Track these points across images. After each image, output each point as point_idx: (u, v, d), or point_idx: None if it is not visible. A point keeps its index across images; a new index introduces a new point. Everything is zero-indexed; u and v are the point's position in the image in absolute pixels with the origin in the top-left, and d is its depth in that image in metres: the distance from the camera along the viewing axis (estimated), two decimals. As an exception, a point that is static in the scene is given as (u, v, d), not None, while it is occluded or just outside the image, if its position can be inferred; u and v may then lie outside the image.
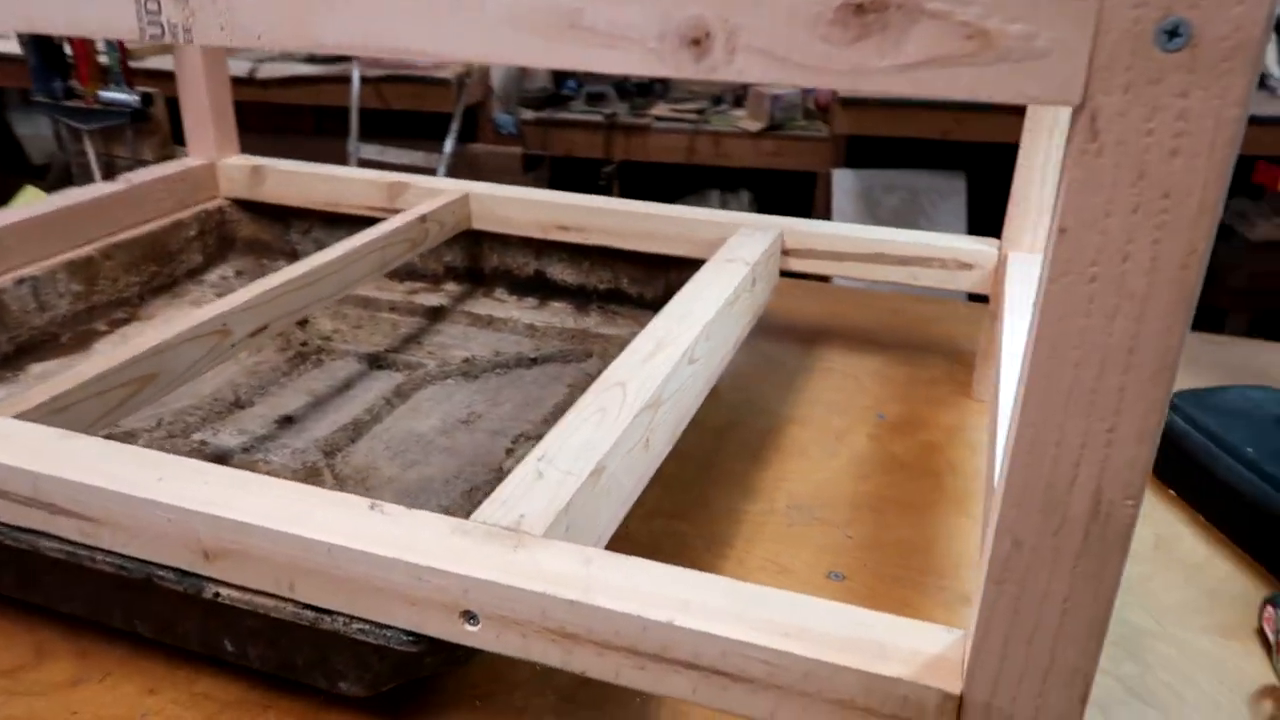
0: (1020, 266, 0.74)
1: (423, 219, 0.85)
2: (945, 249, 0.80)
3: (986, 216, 2.46)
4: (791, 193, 2.60)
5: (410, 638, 0.42)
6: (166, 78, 1.21)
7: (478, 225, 0.92)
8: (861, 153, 2.49)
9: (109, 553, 0.46)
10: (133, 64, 1.19)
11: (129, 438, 0.67)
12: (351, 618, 0.43)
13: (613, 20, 0.29)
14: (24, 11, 0.36)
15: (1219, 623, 0.58)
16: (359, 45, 0.32)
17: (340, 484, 0.64)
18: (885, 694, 0.35)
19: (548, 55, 0.30)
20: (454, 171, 2.45)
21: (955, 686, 0.34)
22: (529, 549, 0.41)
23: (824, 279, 1.32)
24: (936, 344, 0.93)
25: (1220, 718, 0.51)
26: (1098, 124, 0.26)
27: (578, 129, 2.59)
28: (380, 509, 0.44)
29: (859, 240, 0.81)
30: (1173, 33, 0.24)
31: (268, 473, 0.65)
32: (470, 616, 0.40)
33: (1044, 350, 0.29)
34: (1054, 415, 0.29)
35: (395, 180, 0.93)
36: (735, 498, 0.68)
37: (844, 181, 2.51)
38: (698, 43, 0.28)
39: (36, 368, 0.76)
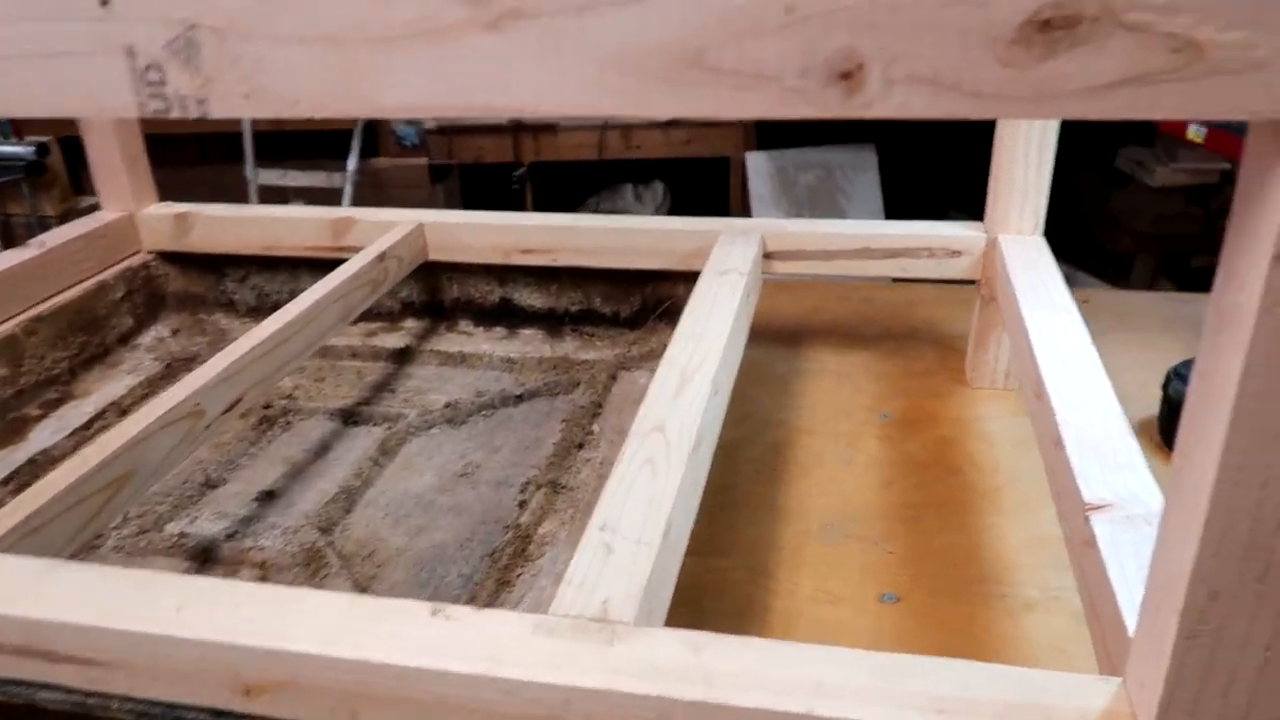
0: (1017, 249, 0.72)
1: (381, 257, 0.79)
2: (933, 237, 0.78)
3: (900, 189, 2.49)
4: (706, 180, 2.58)
5: (498, 754, 0.37)
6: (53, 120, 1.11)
7: (435, 256, 0.87)
8: (773, 133, 2.49)
9: (125, 699, 0.40)
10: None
11: (95, 539, 0.60)
12: (429, 742, 0.38)
13: (744, 57, 0.25)
14: (-14, 92, 0.29)
15: None
16: (429, 106, 0.27)
17: (347, 563, 0.58)
18: (1062, 762, 0.32)
19: (665, 102, 0.26)
20: (359, 189, 2.35)
21: (1140, 747, 0.31)
22: (626, 641, 0.37)
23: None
24: (919, 331, 0.91)
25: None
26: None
27: (484, 134, 2.52)
28: (444, 613, 0.38)
29: (844, 236, 0.79)
30: None
31: (262, 561, 0.59)
32: (573, 727, 0.36)
33: (1252, 388, 0.26)
34: (1260, 457, 0.27)
35: (341, 216, 0.86)
36: (765, 522, 0.65)
37: (758, 164, 2.50)
38: (848, 76, 0.25)
39: (-32, 468, 0.68)
